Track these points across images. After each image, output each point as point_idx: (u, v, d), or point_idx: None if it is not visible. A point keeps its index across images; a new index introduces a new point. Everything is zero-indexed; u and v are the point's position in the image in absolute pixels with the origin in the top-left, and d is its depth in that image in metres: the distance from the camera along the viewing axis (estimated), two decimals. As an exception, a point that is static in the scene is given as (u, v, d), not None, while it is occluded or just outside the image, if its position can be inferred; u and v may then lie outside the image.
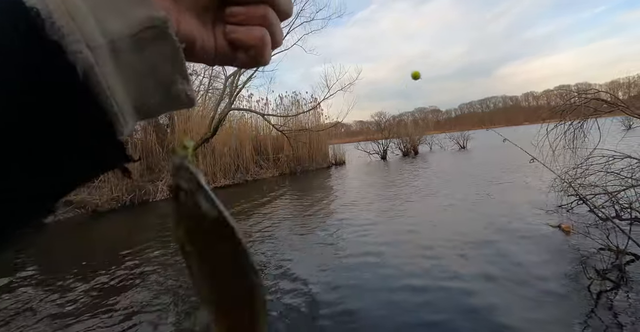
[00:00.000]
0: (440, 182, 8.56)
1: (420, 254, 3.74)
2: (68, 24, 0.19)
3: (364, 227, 5.05)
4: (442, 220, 5.10)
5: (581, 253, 3.35)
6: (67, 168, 0.22)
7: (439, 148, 22.32)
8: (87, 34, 0.20)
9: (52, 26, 0.19)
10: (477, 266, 3.29)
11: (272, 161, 15.74)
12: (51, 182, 0.22)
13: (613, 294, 2.62)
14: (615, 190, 3.90)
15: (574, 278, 2.89)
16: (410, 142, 20.37)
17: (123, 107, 0.22)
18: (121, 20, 0.21)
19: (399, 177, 10.69)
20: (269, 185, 11.77)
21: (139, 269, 4.08)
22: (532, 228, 4.25)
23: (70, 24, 0.19)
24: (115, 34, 0.21)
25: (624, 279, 2.79)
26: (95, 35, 0.20)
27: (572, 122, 4.79)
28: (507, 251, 3.59)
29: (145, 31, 0.22)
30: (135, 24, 0.21)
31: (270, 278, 3.48)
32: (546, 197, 5.23)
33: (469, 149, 20.24)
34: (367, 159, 18.92)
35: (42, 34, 0.19)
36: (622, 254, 3.08)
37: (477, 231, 4.33)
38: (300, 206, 7.46)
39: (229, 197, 9.66)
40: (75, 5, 0.20)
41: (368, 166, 15.82)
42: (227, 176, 13.41)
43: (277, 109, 16.67)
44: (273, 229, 5.49)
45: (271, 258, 4.11)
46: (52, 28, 0.19)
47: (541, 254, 3.44)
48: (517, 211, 5.08)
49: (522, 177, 7.72)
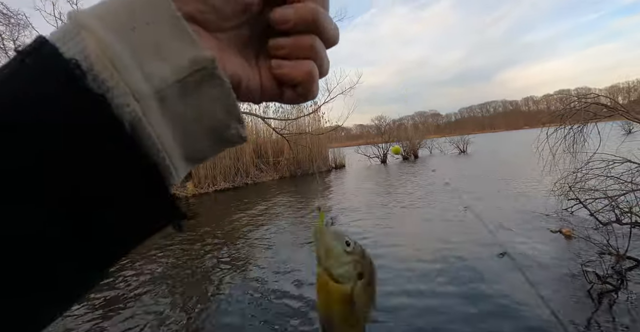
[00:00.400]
0: (439, 187, 8.56)
1: (419, 259, 3.73)
2: (112, 77, 0.18)
3: (363, 235, 5.05)
4: (441, 225, 5.10)
5: (582, 257, 3.35)
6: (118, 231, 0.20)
7: (439, 152, 22.34)
8: (133, 84, 0.18)
9: (95, 79, 0.18)
10: (477, 269, 3.29)
11: (272, 165, 15.75)
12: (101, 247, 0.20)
13: (613, 298, 2.61)
14: (615, 194, 3.90)
15: (575, 282, 2.89)
16: (411, 146, 20.39)
17: (173, 157, 0.20)
18: (166, 64, 0.20)
19: (397, 181, 10.69)
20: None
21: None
22: (533, 232, 4.24)
23: (115, 76, 0.18)
24: (161, 80, 0.19)
25: (624, 284, 2.79)
26: (141, 85, 0.19)
27: (572, 127, 4.80)
28: (507, 255, 3.59)
29: (193, 74, 0.20)
30: (181, 67, 0.20)
31: (269, 280, 3.48)
32: (546, 201, 5.23)
33: (469, 153, 20.26)
34: (367, 162, 18.93)
35: (84, 86, 0.18)
36: (622, 259, 3.08)
37: (477, 235, 4.33)
38: (297, 210, 7.46)
39: (229, 200, 9.66)
40: (117, 55, 0.18)
41: (368, 170, 15.83)
42: (227, 179, 13.41)
43: (277, 112, 16.71)
44: (269, 233, 5.49)
45: (270, 261, 4.11)
46: (95, 81, 0.18)
47: (542, 258, 3.43)
48: (518, 215, 5.08)
49: (522, 181, 7.72)
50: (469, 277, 3.15)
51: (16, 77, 0.18)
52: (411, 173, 12.45)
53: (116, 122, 0.18)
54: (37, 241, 0.17)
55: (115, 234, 0.20)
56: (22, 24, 11.67)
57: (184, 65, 0.20)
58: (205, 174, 12.68)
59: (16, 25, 11.55)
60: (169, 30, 0.20)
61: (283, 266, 3.89)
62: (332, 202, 7.92)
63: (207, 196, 11.33)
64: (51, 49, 0.18)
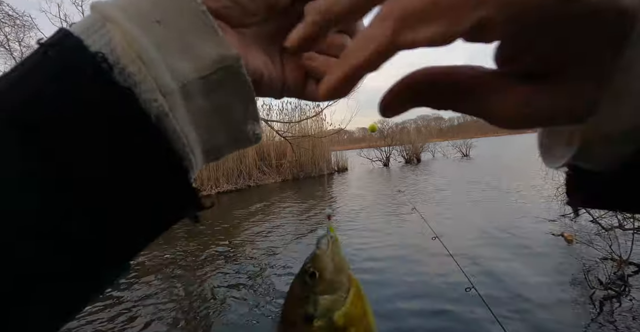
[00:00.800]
0: (441, 191, 8.55)
1: (420, 263, 3.73)
2: (140, 71, 0.18)
3: (364, 239, 5.04)
4: (444, 229, 5.09)
5: (584, 262, 3.33)
6: (142, 222, 0.20)
7: (441, 156, 22.31)
8: (159, 79, 0.18)
9: (122, 73, 0.18)
10: (478, 274, 3.28)
11: (274, 167, 15.77)
12: (128, 237, 0.20)
13: (616, 304, 2.60)
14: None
15: (576, 287, 2.88)
16: (413, 150, 20.36)
17: (195, 152, 0.21)
18: (191, 60, 0.20)
19: (401, 184, 10.68)
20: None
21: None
22: (535, 237, 4.23)
23: (142, 70, 0.18)
24: (185, 76, 0.19)
25: (627, 289, 2.78)
26: (167, 79, 0.19)
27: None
28: (509, 259, 3.58)
29: (217, 72, 0.20)
30: (206, 64, 0.20)
31: (270, 282, 3.48)
32: (549, 206, 5.21)
33: (471, 156, 20.22)
34: (369, 166, 18.92)
35: (110, 80, 0.18)
36: (625, 264, 3.07)
37: (479, 240, 4.32)
38: (300, 213, 7.47)
39: (231, 202, 9.67)
40: (143, 48, 0.18)
41: (370, 173, 15.82)
42: (229, 181, 13.43)
43: (280, 115, 16.75)
44: (271, 235, 5.49)
45: (272, 263, 4.11)
46: (121, 75, 0.18)
47: (544, 262, 3.42)
48: (520, 219, 5.06)
49: (525, 185, 7.69)
50: (467, 280, 3.13)
51: (39, 70, 0.18)
52: (412, 178, 12.44)
53: (144, 117, 0.18)
54: (71, 234, 0.18)
55: (139, 225, 0.20)
56: (28, 26, 11.78)
57: (208, 63, 0.20)
58: (208, 176, 12.72)
59: (21, 26, 11.66)
60: (194, 26, 0.20)
61: (284, 269, 3.89)
62: (334, 204, 7.92)
63: (209, 198, 11.26)
64: (76, 41, 0.18)
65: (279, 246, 4.87)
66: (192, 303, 3.22)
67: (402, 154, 20.42)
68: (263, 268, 4.01)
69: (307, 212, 7.35)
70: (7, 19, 11.27)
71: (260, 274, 3.83)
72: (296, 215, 7.15)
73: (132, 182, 0.19)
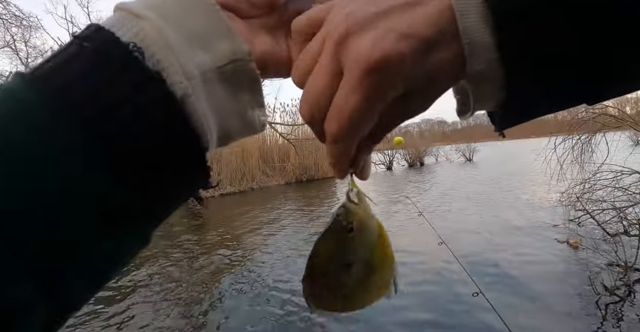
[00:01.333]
0: (445, 196, 8.51)
1: (424, 270, 3.71)
2: (168, 57, 0.20)
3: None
4: (449, 234, 5.06)
5: (589, 268, 3.30)
6: (164, 196, 0.23)
7: (445, 160, 22.24)
8: (184, 65, 0.21)
9: (151, 59, 0.20)
10: (483, 280, 3.25)
11: (278, 169, 15.79)
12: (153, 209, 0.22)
13: (621, 310, 2.57)
14: (624, 205, 3.85)
15: (582, 293, 2.85)
16: (416, 153, 20.32)
17: (212, 133, 0.23)
18: (208, 52, 0.22)
19: (405, 188, 10.65)
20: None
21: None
22: (540, 242, 4.19)
23: (170, 56, 0.21)
24: (205, 65, 0.22)
25: (633, 296, 2.75)
26: (190, 66, 0.21)
27: (580, 137, 4.77)
28: (514, 265, 3.55)
29: (230, 64, 0.23)
30: (221, 57, 0.23)
31: (271, 283, 3.47)
32: (554, 212, 5.18)
33: (475, 161, 20.13)
34: (373, 169, 18.67)
35: (142, 66, 0.20)
36: (630, 270, 3.04)
37: (483, 245, 4.29)
38: (303, 216, 7.46)
39: (234, 203, 9.69)
40: (171, 39, 0.21)
41: (374, 176, 15.78)
42: (233, 183, 13.47)
43: (284, 117, 16.80)
44: (272, 236, 5.49)
45: (274, 264, 4.11)
46: (150, 60, 0.20)
47: (549, 268, 3.39)
48: (525, 225, 5.02)
49: (529, 191, 7.64)
50: (471, 288, 3.11)
51: (79, 59, 0.20)
52: (416, 182, 12.41)
53: (171, 96, 0.20)
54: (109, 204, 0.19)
55: (162, 199, 0.23)
56: (34, 26, 11.91)
57: (223, 55, 0.23)
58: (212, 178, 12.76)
59: (28, 27, 11.78)
60: (209, 21, 0.23)
61: (286, 271, 3.89)
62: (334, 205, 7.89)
63: (212, 199, 11.38)
64: (108, 33, 0.20)
65: (282, 247, 4.86)
66: (194, 306, 3.22)
67: (405, 157, 20.38)
68: (266, 269, 4.00)
69: (310, 214, 7.35)
70: (14, 19, 11.39)
71: (263, 275, 3.82)
72: (299, 217, 7.15)
73: (159, 155, 0.21)
